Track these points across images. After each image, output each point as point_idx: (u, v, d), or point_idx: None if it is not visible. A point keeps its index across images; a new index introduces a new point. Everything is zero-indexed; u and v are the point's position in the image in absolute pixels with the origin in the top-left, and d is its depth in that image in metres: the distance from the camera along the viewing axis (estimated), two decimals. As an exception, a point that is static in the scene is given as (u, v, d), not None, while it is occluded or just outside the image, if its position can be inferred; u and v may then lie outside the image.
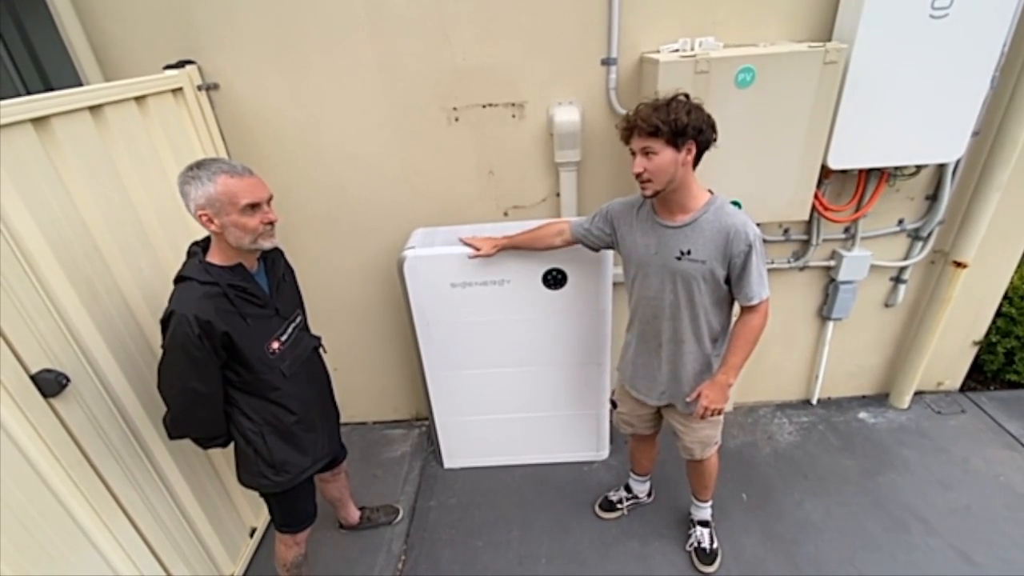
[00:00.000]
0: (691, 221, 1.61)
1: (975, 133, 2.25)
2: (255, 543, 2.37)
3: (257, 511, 2.43)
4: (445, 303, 2.27)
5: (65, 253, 1.50)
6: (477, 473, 2.72)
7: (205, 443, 1.63)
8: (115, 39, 2.13)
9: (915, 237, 2.57)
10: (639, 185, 1.58)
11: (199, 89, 2.15)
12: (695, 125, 1.48)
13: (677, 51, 2.02)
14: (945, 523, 2.29)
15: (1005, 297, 2.79)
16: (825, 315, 2.75)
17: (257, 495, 1.82)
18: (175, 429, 1.56)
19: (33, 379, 1.39)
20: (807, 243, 2.55)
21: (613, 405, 2.17)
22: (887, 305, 2.78)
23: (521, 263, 2.18)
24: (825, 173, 2.24)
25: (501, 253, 2.13)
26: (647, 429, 2.13)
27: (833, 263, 2.60)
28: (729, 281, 1.66)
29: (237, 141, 2.31)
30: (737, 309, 1.75)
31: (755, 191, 2.13)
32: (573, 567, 2.23)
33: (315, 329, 1.85)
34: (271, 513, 1.86)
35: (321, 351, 1.84)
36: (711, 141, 1.55)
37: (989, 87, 2.08)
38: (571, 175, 2.35)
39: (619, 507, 2.42)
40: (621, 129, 1.57)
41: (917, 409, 2.93)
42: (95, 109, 1.64)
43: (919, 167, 2.28)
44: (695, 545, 2.21)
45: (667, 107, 1.47)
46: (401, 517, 2.48)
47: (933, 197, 2.45)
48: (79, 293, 1.53)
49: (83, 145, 1.59)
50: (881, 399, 3.03)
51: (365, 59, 2.16)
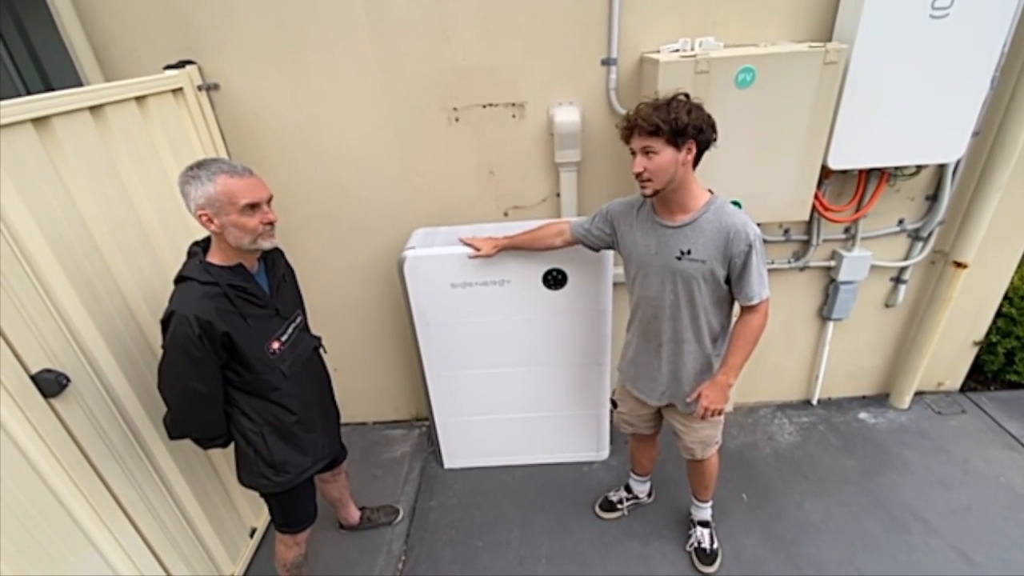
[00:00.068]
0: (691, 221, 1.62)
1: (975, 133, 2.25)
2: (255, 543, 2.37)
3: (257, 511, 2.43)
4: (445, 303, 2.27)
5: (65, 253, 1.50)
6: (477, 473, 2.72)
7: (205, 443, 1.63)
8: (115, 39, 2.14)
9: (915, 237, 2.57)
10: (639, 184, 1.58)
11: (199, 89, 2.15)
12: (695, 124, 1.48)
13: (677, 51, 2.02)
14: (945, 523, 2.29)
15: (1005, 297, 2.79)
16: (825, 315, 2.75)
17: (257, 495, 1.82)
18: (175, 429, 1.56)
19: (33, 379, 1.39)
20: (807, 243, 2.55)
21: (614, 405, 2.17)
22: (887, 305, 2.78)
23: (521, 263, 2.18)
24: (825, 173, 2.25)
25: (501, 253, 2.13)
26: (648, 429, 2.13)
27: (833, 263, 2.60)
28: (729, 281, 1.66)
29: (237, 141, 2.31)
30: (737, 309, 1.75)
31: (755, 191, 2.13)
32: (573, 567, 2.22)
33: (315, 329, 1.85)
34: (271, 513, 1.86)
35: (321, 351, 1.84)
36: (711, 141, 1.55)
37: (989, 87, 2.08)
38: (571, 175, 2.35)
39: (619, 507, 2.41)
40: (621, 128, 1.57)
41: (917, 409, 2.93)
42: (95, 109, 1.64)
43: (919, 167, 2.28)
44: (695, 545, 2.21)
45: (667, 106, 1.47)
46: (401, 517, 2.48)
47: (933, 197, 2.45)
48: (79, 293, 1.53)
49: (83, 145, 1.60)
50: (881, 399, 3.03)
51: (365, 59, 2.16)
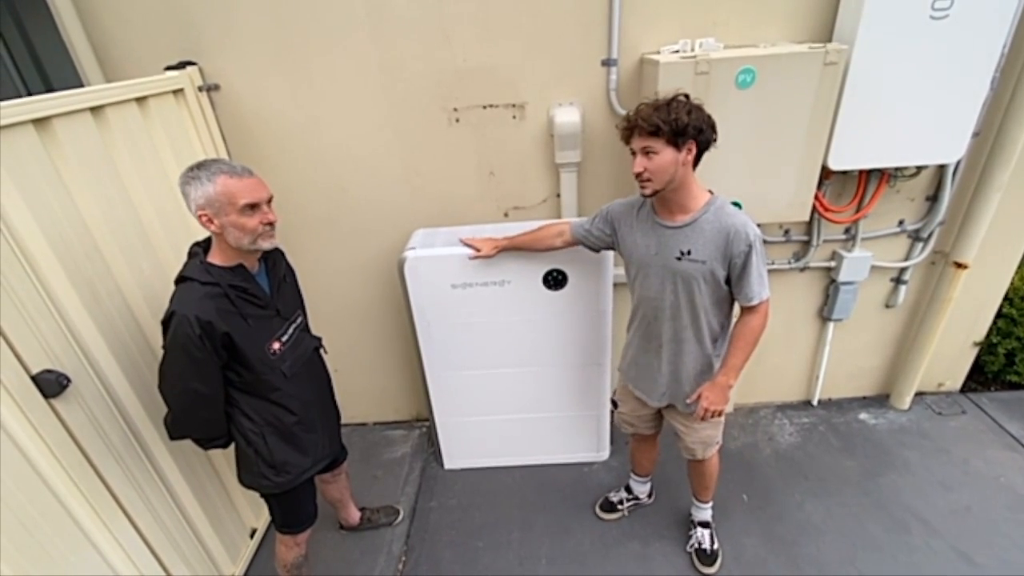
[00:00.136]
0: (691, 221, 1.62)
1: (975, 134, 2.25)
2: (255, 544, 2.37)
3: (257, 512, 2.43)
4: (445, 304, 2.27)
5: (66, 254, 1.50)
6: (478, 474, 2.72)
7: (206, 444, 1.64)
8: (116, 40, 2.14)
9: (916, 238, 2.57)
10: (639, 185, 1.58)
11: (200, 90, 2.15)
12: (695, 125, 1.48)
13: (677, 52, 2.02)
14: (946, 524, 2.29)
15: (1006, 298, 2.79)
16: (826, 316, 2.75)
17: (257, 496, 1.82)
18: (176, 430, 1.56)
19: (34, 380, 1.39)
20: (807, 244, 2.55)
21: (614, 405, 2.17)
22: (888, 306, 2.78)
23: (521, 264, 2.18)
24: (825, 174, 2.25)
25: (501, 254, 2.13)
26: (648, 429, 2.13)
27: (834, 264, 2.60)
28: (729, 281, 1.66)
29: (238, 142, 2.31)
30: (737, 309, 1.75)
31: (755, 192, 2.13)
32: (574, 568, 2.22)
33: (316, 330, 1.85)
34: (271, 514, 1.86)
35: (322, 352, 1.84)
36: (711, 141, 1.55)
37: (989, 88, 2.08)
38: (571, 176, 2.35)
39: (620, 508, 2.41)
40: (621, 129, 1.57)
41: (918, 410, 2.93)
42: (96, 110, 1.65)
43: (919, 168, 2.28)
44: (696, 546, 2.20)
45: (668, 107, 1.47)
46: (401, 518, 2.48)
47: (933, 198, 2.45)
48: (80, 294, 1.53)
49: (84, 146, 1.60)
50: (882, 400, 3.03)
51: (366, 60, 2.17)
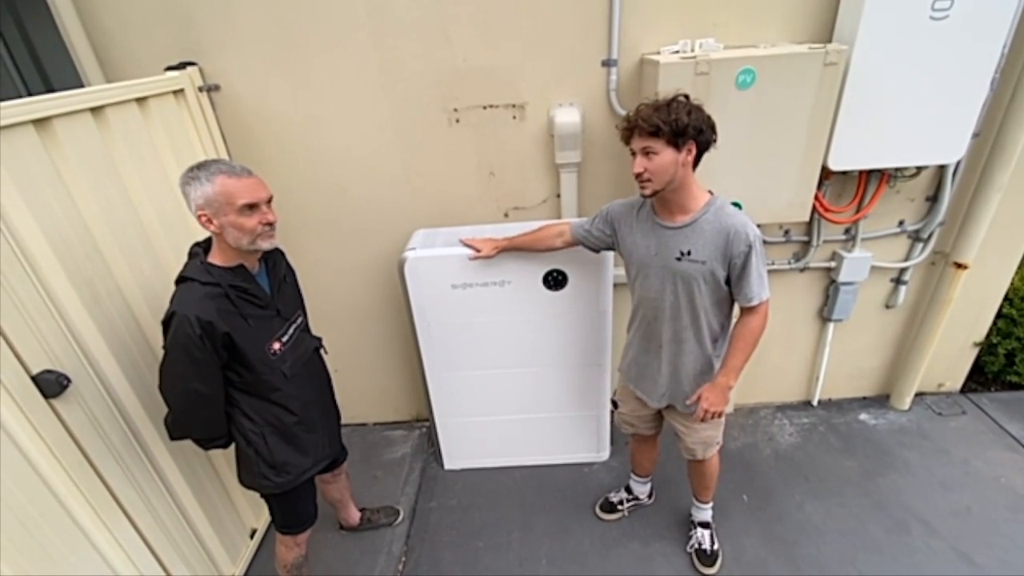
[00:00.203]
0: (691, 222, 1.62)
1: (975, 134, 2.25)
2: (255, 544, 2.37)
3: (257, 512, 2.43)
4: (446, 304, 2.27)
5: (66, 254, 1.50)
6: (478, 474, 2.72)
7: (206, 444, 1.64)
8: (116, 40, 2.14)
9: (916, 238, 2.57)
10: (639, 185, 1.58)
11: (200, 90, 2.15)
12: (695, 125, 1.48)
13: (677, 52, 2.02)
14: (946, 525, 2.29)
15: (1006, 298, 2.79)
16: (826, 316, 2.75)
17: (258, 496, 1.82)
18: (176, 430, 1.56)
19: (34, 380, 1.39)
20: (807, 244, 2.55)
21: (614, 405, 2.17)
22: (888, 306, 2.78)
23: (521, 264, 2.18)
24: (825, 174, 2.25)
25: (501, 254, 2.13)
26: (648, 430, 2.13)
27: (834, 264, 2.60)
28: (729, 282, 1.66)
29: (238, 142, 2.31)
30: (737, 310, 1.75)
31: (756, 192, 2.13)
32: (574, 568, 2.22)
33: (316, 330, 1.85)
34: (272, 514, 1.86)
35: (322, 352, 1.84)
36: (711, 142, 1.55)
37: (989, 89, 2.08)
38: (572, 176, 2.35)
39: (620, 508, 2.41)
40: (621, 129, 1.57)
41: (918, 410, 2.93)
42: (96, 110, 1.65)
43: (919, 168, 2.29)
44: (696, 546, 2.20)
45: (668, 107, 1.47)
46: (401, 518, 2.48)
47: (933, 198, 2.45)
48: (80, 294, 1.53)
49: (84, 146, 1.60)
50: (882, 400, 3.03)
51: (366, 60, 2.17)
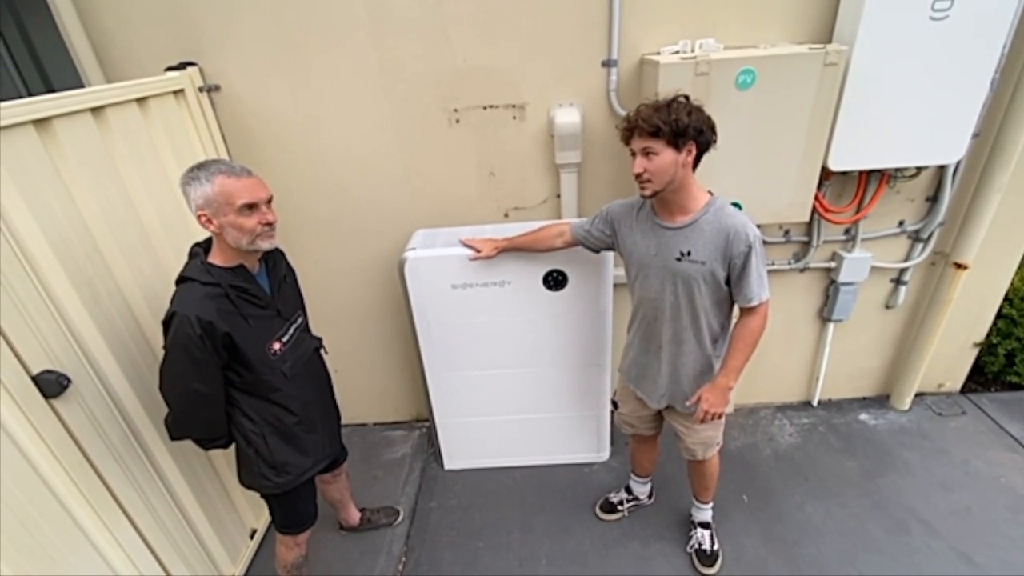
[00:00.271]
0: (691, 222, 1.62)
1: (975, 135, 2.25)
2: (255, 544, 2.37)
3: (257, 512, 2.43)
4: (446, 304, 2.27)
5: (66, 254, 1.50)
6: (478, 474, 2.72)
7: (206, 444, 1.64)
8: (116, 40, 2.14)
9: (916, 239, 2.57)
10: (639, 185, 1.58)
11: (200, 91, 2.15)
12: (695, 126, 1.48)
13: (677, 53, 2.02)
14: (946, 525, 2.29)
15: (1006, 299, 2.79)
16: (826, 316, 2.75)
17: (258, 496, 1.82)
18: (176, 430, 1.56)
19: (34, 380, 1.39)
20: (807, 244, 2.55)
21: (614, 406, 2.17)
22: (888, 307, 2.78)
23: (522, 264, 2.18)
24: (825, 174, 2.25)
25: (501, 255, 2.13)
26: (648, 430, 2.13)
27: (834, 264, 2.60)
28: (729, 282, 1.66)
29: (238, 143, 2.31)
30: (737, 311, 1.75)
31: (755, 192, 2.13)
32: (574, 569, 2.22)
33: (316, 330, 1.85)
34: (272, 514, 1.86)
35: (322, 352, 1.84)
36: (711, 143, 1.55)
37: (989, 89, 2.08)
38: (572, 176, 2.35)
39: (620, 509, 2.41)
40: (622, 129, 1.57)
41: (918, 411, 2.93)
42: (97, 110, 1.65)
43: (919, 169, 2.29)
44: (696, 547, 2.20)
45: (668, 108, 1.48)
46: (401, 519, 2.48)
47: (933, 199, 2.45)
48: (80, 294, 1.53)
49: (85, 146, 1.60)
50: (882, 400, 3.03)
51: (366, 60, 2.17)
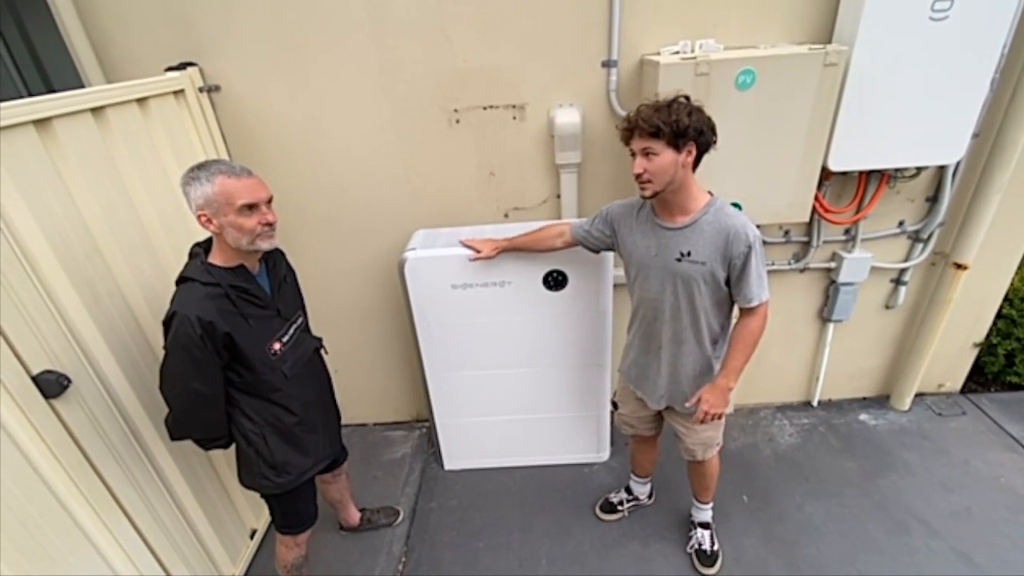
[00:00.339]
0: (691, 223, 1.62)
1: (975, 135, 2.25)
2: (255, 544, 2.37)
3: (257, 512, 2.43)
4: (446, 304, 2.27)
5: (67, 254, 1.50)
6: (477, 475, 2.72)
7: (206, 444, 1.64)
8: (116, 40, 2.14)
9: (915, 239, 2.57)
10: (639, 186, 1.58)
11: (200, 91, 2.16)
12: (696, 127, 1.48)
13: (677, 53, 2.02)
14: (946, 525, 2.29)
15: (1005, 299, 2.79)
16: (826, 317, 2.75)
17: (258, 496, 1.82)
18: (177, 430, 1.56)
19: (34, 380, 1.39)
20: (807, 245, 2.55)
21: (614, 406, 2.17)
22: (888, 307, 2.78)
23: (522, 265, 2.18)
24: (825, 175, 2.24)
25: (501, 255, 2.13)
26: (648, 430, 2.13)
27: (833, 265, 2.60)
28: (729, 283, 1.66)
29: (238, 143, 2.31)
30: (737, 311, 1.75)
31: (755, 193, 2.13)
32: (574, 569, 2.22)
33: (316, 330, 1.85)
34: (272, 514, 1.86)
35: (322, 352, 1.84)
36: (711, 143, 1.55)
37: (989, 89, 2.08)
38: (572, 177, 2.35)
39: (620, 509, 2.41)
40: (622, 130, 1.57)
41: (918, 411, 2.93)
42: (97, 111, 1.65)
43: (919, 169, 2.29)
44: (696, 547, 2.20)
45: (668, 108, 1.47)
46: (401, 519, 2.48)
47: (933, 199, 2.45)
48: (80, 294, 1.53)
49: (85, 147, 1.60)
50: (882, 401, 3.03)
51: (366, 61, 2.17)
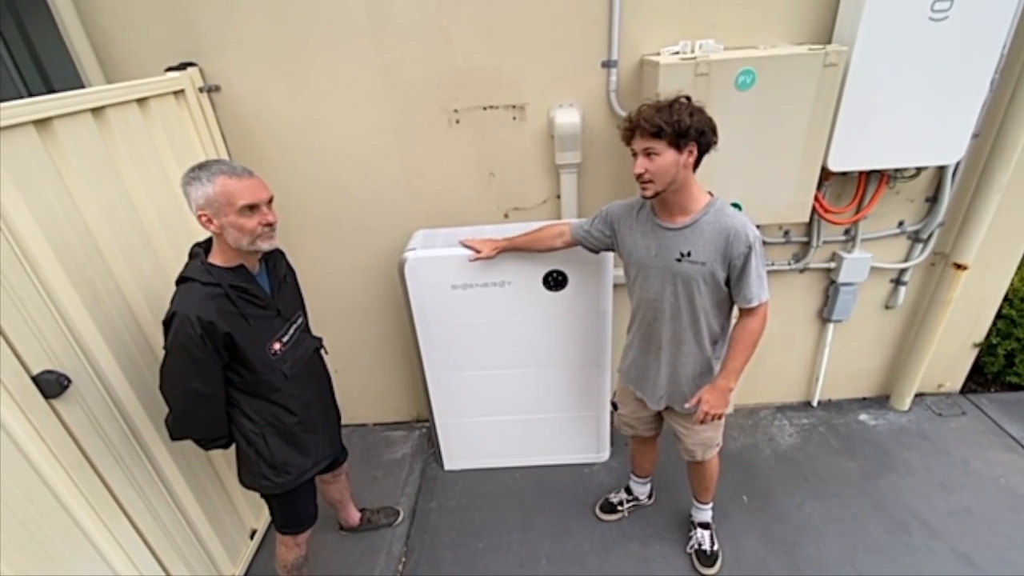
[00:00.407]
0: (691, 223, 1.62)
1: (975, 135, 2.25)
2: (255, 545, 2.37)
3: (257, 513, 2.43)
4: (446, 304, 2.27)
5: (67, 254, 1.50)
6: (477, 475, 2.72)
7: (207, 444, 1.64)
8: (116, 41, 2.14)
9: (915, 239, 2.57)
10: (640, 186, 1.58)
11: (200, 91, 2.16)
12: (697, 127, 1.48)
13: (677, 53, 2.02)
14: (946, 525, 2.29)
15: (1005, 299, 2.79)
16: (825, 317, 2.75)
17: (257, 496, 1.82)
18: (177, 430, 1.56)
19: (34, 380, 1.39)
20: (807, 245, 2.55)
21: (614, 407, 2.17)
22: (887, 307, 2.78)
23: (521, 265, 2.18)
24: (825, 175, 2.25)
25: (501, 255, 2.13)
26: (648, 431, 2.13)
27: (833, 265, 2.60)
28: (729, 283, 1.66)
29: (238, 143, 2.31)
30: (736, 312, 1.75)
31: (755, 193, 2.13)
32: (573, 569, 2.22)
33: (316, 330, 1.85)
34: (272, 514, 1.86)
35: (322, 352, 1.85)
36: (711, 144, 1.55)
37: (989, 89, 2.08)
38: (571, 177, 2.35)
39: (619, 509, 2.41)
40: (623, 130, 1.57)
41: (918, 411, 2.93)
42: (97, 111, 1.65)
43: (919, 169, 2.29)
44: (696, 547, 2.20)
45: (670, 108, 1.48)
46: (401, 519, 2.48)
47: (933, 199, 2.45)
48: (80, 294, 1.53)
49: (85, 147, 1.60)
50: (882, 401, 3.03)
51: (366, 61, 2.17)
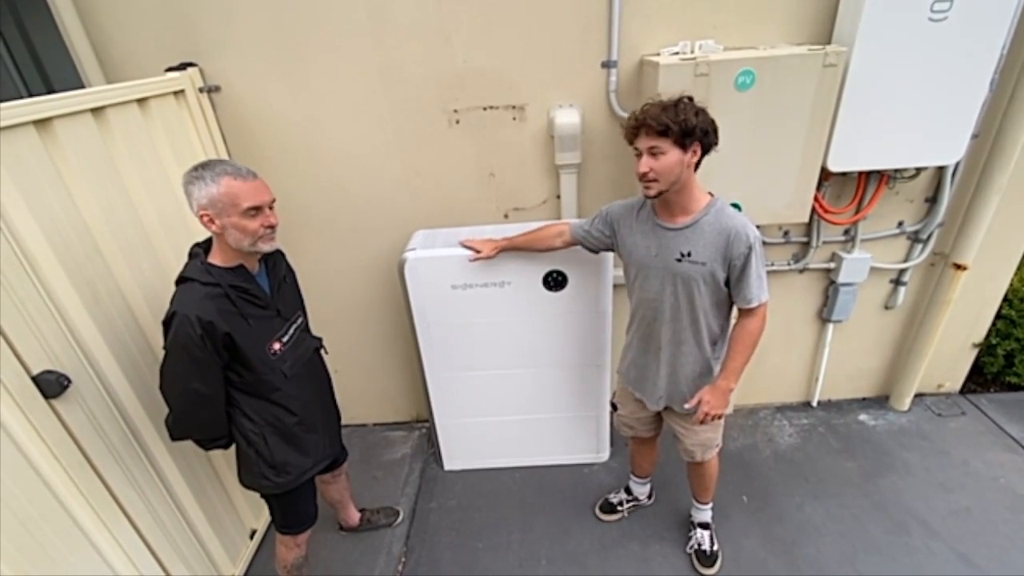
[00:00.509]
0: (691, 223, 1.62)
1: (974, 135, 2.25)
2: (255, 545, 2.37)
3: (257, 513, 2.43)
4: (446, 305, 2.27)
5: (67, 254, 1.50)
6: (477, 475, 2.72)
7: (207, 444, 1.64)
8: (116, 41, 2.14)
9: (915, 239, 2.57)
10: (643, 185, 1.58)
11: (200, 91, 2.16)
12: (702, 127, 1.49)
13: (677, 54, 2.02)
14: (946, 525, 2.29)
15: (1005, 299, 2.79)
16: (825, 317, 2.75)
17: (257, 497, 1.82)
18: (177, 430, 1.56)
19: (34, 380, 1.39)
20: (807, 245, 2.55)
21: (614, 408, 2.17)
22: (887, 307, 2.78)
23: (521, 265, 2.18)
24: (825, 175, 2.25)
25: (501, 255, 2.13)
26: (648, 432, 2.13)
27: (833, 265, 2.60)
28: (729, 283, 1.66)
29: (238, 143, 2.31)
30: (736, 312, 1.75)
31: (755, 193, 2.14)
32: (573, 569, 2.22)
33: (316, 330, 1.85)
34: (272, 514, 1.86)
35: (322, 352, 1.85)
36: (713, 145, 1.55)
37: (988, 89, 2.09)
38: (571, 177, 2.35)
39: (619, 509, 2.41)
40: (627, 128, 1.56)
41: (917, 411, 2.93)
42: (97, 111, 1.65)
43: (919, 169, 2.29)
44: (695, 547, 2.21)
45: (675, 107, 1.48)
46: (401, 519, 2.48)
47: (933, 199, 2.45)
48: (80, 294, 1.54)
49: (85, 147, 1.60)
50: (881, 401, 3.03)
51: (366, 61, 2.17)
